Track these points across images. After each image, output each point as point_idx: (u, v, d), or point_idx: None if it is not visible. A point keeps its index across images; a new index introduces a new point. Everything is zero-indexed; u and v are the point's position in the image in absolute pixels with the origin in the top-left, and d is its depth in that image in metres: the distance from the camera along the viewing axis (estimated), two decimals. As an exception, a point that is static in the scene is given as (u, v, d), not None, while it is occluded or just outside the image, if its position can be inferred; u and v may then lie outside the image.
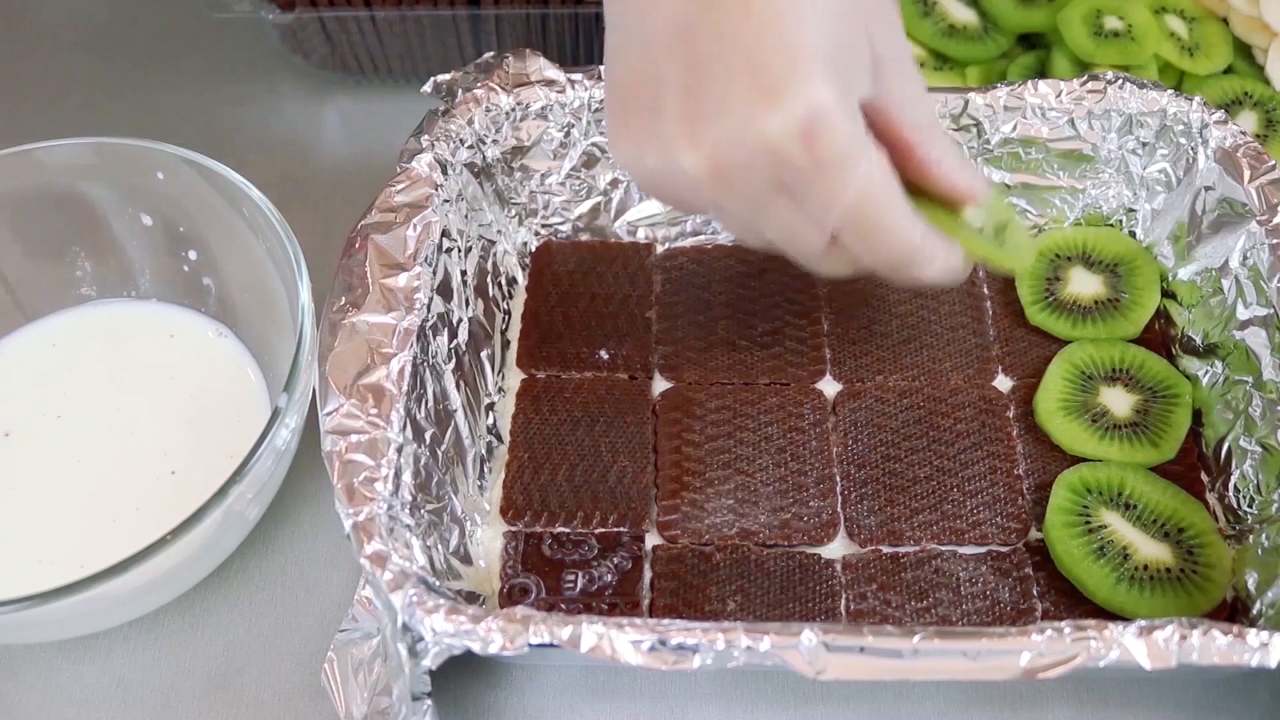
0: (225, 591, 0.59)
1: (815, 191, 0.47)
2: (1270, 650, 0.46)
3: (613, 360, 0.65)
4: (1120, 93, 0.64)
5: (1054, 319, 0.65)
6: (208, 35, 0.85)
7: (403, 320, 0.55)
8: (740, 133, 0.45)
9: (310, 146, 0.80)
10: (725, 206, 0.49)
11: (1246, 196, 0.61)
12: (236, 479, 0.52)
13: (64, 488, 0.60)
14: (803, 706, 0.55)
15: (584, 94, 0.65)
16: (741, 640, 0.46)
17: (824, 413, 0.62)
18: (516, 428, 0.62)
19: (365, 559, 0.48)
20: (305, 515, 0.62)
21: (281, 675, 0.57)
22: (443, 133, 0.62)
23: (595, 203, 0.69)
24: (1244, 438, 0.58)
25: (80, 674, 0.57)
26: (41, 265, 0.65)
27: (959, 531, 0.58)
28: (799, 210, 0.48)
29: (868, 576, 0.57)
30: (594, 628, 0.47)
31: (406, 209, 0.59)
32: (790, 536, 0.58)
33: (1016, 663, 0.46)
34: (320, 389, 0.53)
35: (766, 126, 0.45)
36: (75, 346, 0.65)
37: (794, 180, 0.47)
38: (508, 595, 0.56)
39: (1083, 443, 0.60)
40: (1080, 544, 0.56)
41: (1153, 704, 0.55)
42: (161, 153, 0.62)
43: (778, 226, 0.49)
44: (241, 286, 0.64)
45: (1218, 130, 0.63)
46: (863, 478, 0.60)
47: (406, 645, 0.48)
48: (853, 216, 0.48)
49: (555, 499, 0.59)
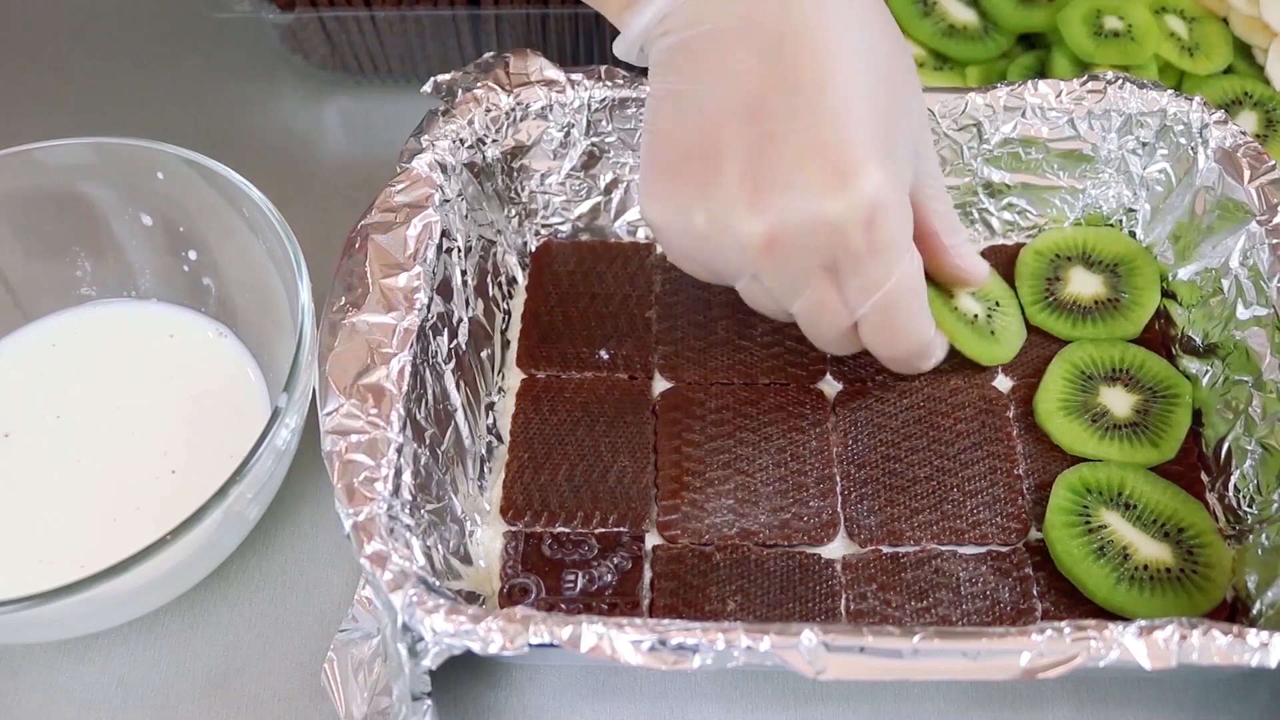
0: (225, 591, 0.59)
1: (863, 275, 0.50)
2: (1270, 650, 0.46)
3: (613, 360, 0.65)
4: (1120, 93, 0.64)
5: (1054, 319, 0.65)
6: (208, 35, 0.85)
7: (403, 320, 0.55)
8: (805, 206, 0.48)
9: (310, 146, 0.80)
10: (765, 278, 0.51)
11: (1246, 196, 0.61)
12: (236, 479, 0.52)
13: (64, 488, 0.60)
14: (803, 706, 0.55)
15: (584, 94, 0.65)
16: (741, 640, 0.46)
17: (824, 413, 0.62)
18: (516, 428, 0.62)
19: (365, 559, 0.48)
20: (305, 515, 0.62)
21: (281, 675, 0.57)
22: (443, 133, 0.62)
23: (595, 203, 0.69)
24: (1244, 438, 0.58)
25: (80, 674, 0.57)
26: (41, 265, 0.65)
27: (959, 531, 0.58)
28: (837, 292, 0.51)
29: (868, 576, 0.57)
30: (594, 628, 0.47)
31: (406, 209, 0.59)
32: (790, 536, 0.58)
33: (1016, 663, 0.46)
34: (320, 389, 0.53)
35: (833, 206, 0.47)
36: (75, 346, 0.65)
37: (844, 262, 0.49)
38: (508, 595, 0.56)
39: (1083, 443, 0.60)
40: (1080, 544, 0.56)
41: (1153, 704, 0.55)
42: (161, 153, 0.62)
43: (810, 303, 0.52)
44: (241, 286, 0.64)
45: (1218, 130, 0.63)
46: (863, 478, 0.60)
47: (406, 645, 0.48)
48: (887, 305, 0.51)
49: (555, 499, 0.59)
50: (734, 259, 0.51)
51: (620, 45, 0.53)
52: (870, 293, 0.51)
